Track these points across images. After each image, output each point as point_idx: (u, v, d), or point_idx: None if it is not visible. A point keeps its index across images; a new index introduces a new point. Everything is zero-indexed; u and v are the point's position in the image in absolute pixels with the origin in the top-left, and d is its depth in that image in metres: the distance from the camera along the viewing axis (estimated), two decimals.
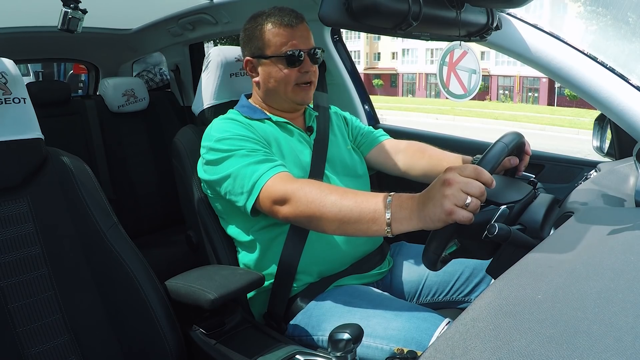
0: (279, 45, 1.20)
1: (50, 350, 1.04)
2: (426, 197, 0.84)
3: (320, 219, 0.97)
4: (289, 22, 1.20)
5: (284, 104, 1.27)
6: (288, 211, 1.02)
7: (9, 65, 1.08)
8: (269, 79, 1.24)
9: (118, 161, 2.43)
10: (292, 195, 1.00)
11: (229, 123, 1.20)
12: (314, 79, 1.25)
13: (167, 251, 2.11)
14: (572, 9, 3.69)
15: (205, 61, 1.54)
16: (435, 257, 0.97)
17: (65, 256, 1.09)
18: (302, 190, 1.00)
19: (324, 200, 0.96)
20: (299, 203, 0.99)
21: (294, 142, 1.26)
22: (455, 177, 0.80)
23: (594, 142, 1.40)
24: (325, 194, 0.97)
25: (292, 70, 1.21)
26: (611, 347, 0.44)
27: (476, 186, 0.79)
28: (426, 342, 0.98)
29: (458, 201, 0.79)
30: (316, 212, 0.97)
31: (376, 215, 0.90)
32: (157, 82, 2.93)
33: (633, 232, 0.71)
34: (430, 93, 34.31)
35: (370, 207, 0.91)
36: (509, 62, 28.39)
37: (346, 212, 0.93)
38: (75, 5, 1.62)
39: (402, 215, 0.87)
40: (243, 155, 1.11)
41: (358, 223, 0.92)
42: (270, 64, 1.22)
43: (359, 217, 0.92)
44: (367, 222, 0.91)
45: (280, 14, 1.20)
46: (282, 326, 1.19)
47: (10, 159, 1.08)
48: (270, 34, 1.20)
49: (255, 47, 1.24)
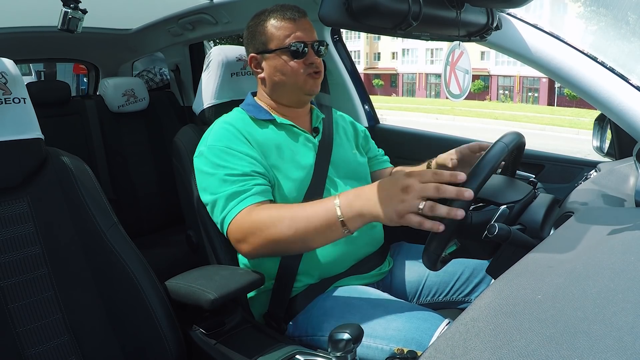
0: (282, 38, 1.20)
1: (50, 350, 1.04)
2: (381, 195, 0.88)
3: (282, 244, 1.01)
4: (292, 16, 1.21)
5: (292, 96, 1.26)
6: (247, 248, 1.07)
7: (9, 65, 1.08)
8: (275, 73, 1.23)
9: (118, 161, 2.43)
10: (250, 230, 1.04)
11: (227, 132, 1.19)
12: (321, 69, 1.24)
13: (167, 251, 2.11)
14: (572, 9, 3.69)
15: (206, 60, 1.54)
16: (435, 257, 0.97)
17: (65, 256, 1.09)
18: (259, 220, 1.03)
19: (280, 226, 1.00)
20: (256, 237, 1.03)
21: (297, 146, 1.25)
22: (415, 185, 0.84)
23: (594, 142, 1.40)
24: (279, 219, 1.00)
25: (298, 62, 1.20)
26: (611, 347, 0.44)
27: (432, 188, 0.83)
28: (426, 342, 0.98)
29: (412, 208, 0.84)
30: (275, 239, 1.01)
31: (330, 222, 0.94)
32: (157, 82, 2.94)
33: (633, 232, 0.71)
34: (430, 93, 34.32)
35: (322, 217, 0.95)
36: (509, 62, 28.40)
37: (302, 231, 0.98)
38: (75, 5, 1.63)
39: (354, 214, 0.92)
40: (221, 179, 1.11)
41: (317, 235, 0.98)
42: (275, 57, 1.22)
43: (315, 231, 0.97)
44: (324, 231, 0.96)
45: (283, 9, 1.22)
46: (282, 326, 1.19)
47: (10, 159, 1.08)
48: (274, 28, 1.21)
49: (258, 43, 1.24)
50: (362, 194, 0.93)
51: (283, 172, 1.18)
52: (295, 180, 1.18)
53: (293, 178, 1.18)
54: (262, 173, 1.14)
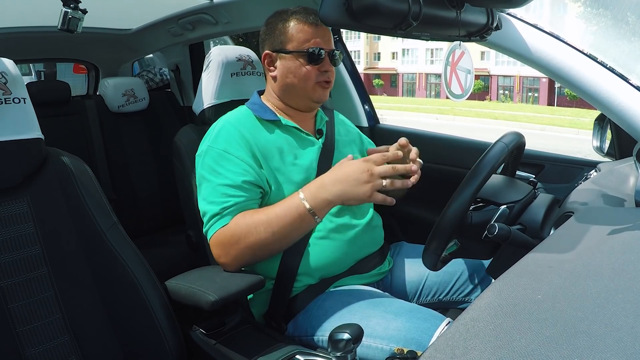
0: (302, 41, 1.20)
1: (50, 350, 1.04)
2: (347, 181, 1.03)
3: (262, 248, 1.10)
4: (314, 21, 1.21)
5: (300, 101, 1.27)
6: (227, 261, 1.12)
7: (9, 65, 1.08)
8: (288, 74, 1.23)
9: (118, 161, 2.43)
10: (228, 242, 1.10)
11: (228, 134, 1.19)
12: (332, 79, 1.26)
13: (167, 251, 2.11)
14: (572, 9, 3.70)
15: (205, 61, 1.54)
16: (436, 257, 0.98)
17: (65, 256, 1.09)
18: (237, 230, 1.09)
19: (257, 232, 1.08)
20: (236, 246, 1.09)
21: (299, 149, 1.24)
22: (374, 168, 1.02)
23: (594, 142, 1.40)
24: (255, 225, 1.08)
25: (313, 68, 1.21)
26: (611, 347, 0.44)
27: (389, 168, 1.02)
28: (426, 342, 0.98)
29: (378, 186, 1.02)
30: (255, 244, 1.08)
31: (302, 216, 1.06)
32: (157, 82, 2.94)
33: (633, 232, 0.71)
34: (430, 93, 34.33)
35: (293, 213, 1.06)
36: (509, 62, 28.40)
37: (278, 231, 1.07)
38: (75, 5, 1.62)
39: (322, 203, 1.06)
40: (214, 189, 1.15)
41: (292, 231, 1.08)
42: (291, 58, 1.22)
43: (290, 227, 1.07)
44: (299, 226, 1.08)
45: (306, 12, 1.22)
46: (282, 326, 1.19)
47: (10, 159, 1.08)
48: (294, 30, 1.21)
49: (276, 41, 1.23)
50: (324, 184, 1.06)
51: (285, 174, 1.19)
52: (297, 183, 1.18)
53: (295, 181, 1.19)
54: (254, 182, 1.15)
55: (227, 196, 1.12)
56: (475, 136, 1.85)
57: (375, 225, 1.31)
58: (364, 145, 1.46)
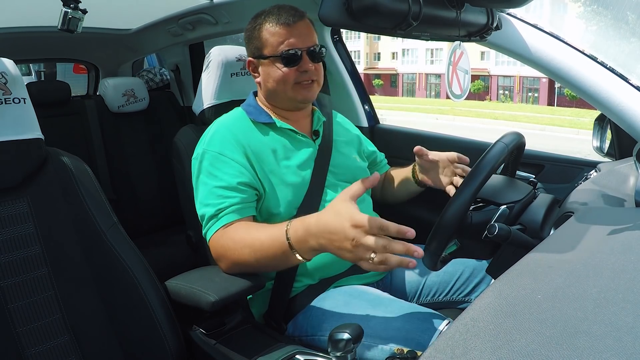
0: (275, 45, 1.18)
1: (50, 350, 1.04)
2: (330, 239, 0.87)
3: (250, 268, 1.08)
4: (286, 21, 1.17)
5: (286, 103, 1.26)
6: (223, 267, 1.12)
7: (9, 65, 1.08)
8: (268, 79, 1.22)
9: (118, 161, 2.43)
10: (223, 253, 1.10)
11: (223, 137, 1.19)
12: (315, 78, 1.22)
13: (167, 251, 2.11)
14: (572, 9, 3.70)
15: (205, 61, 1.54)
16: (436, 257, 0.97)
17: (65, 256, 1.09)
18: (228, 244, 1.09)
19: (242, 253, 1.06)
20: (227, 259, 1.10)
21: (295, 151, 1.24)
22: (362, 239, 0.82)
23: (594, 142, 1.40)
24: (240, 247, 1.06)
25: (291, 70, 1.18)
26: (611, 347, 0.44)
27: (380, 247, 0.81)
28: (426, 343, 0.98)
29: (362, 259, 0.83)
30: (242, 264, 1.07)
31: (285, 253, 0.98)
32: (157, 82, 2.93)
33: (633, 232, 0.71)
34: (430, 93, 34.33)
35: (277, 248, 0.99)
36: (509, 62, 28.41)
37: (261, 259, 1.03)
38: (75, 5, 1.62)
39: (307, 248, 0.94)
40: (210, 191, 1.15)
41: (275, 263, 1.03)
42: (269, 64, 1.20)
43: (274, 259, 1.01)
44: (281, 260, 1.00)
45: (278, 13, 1.19)
46: (282, 326, 1.19)
47: (11, 159, 1.08)
48: (268, 34, 1.19)
49: (254, 48, 1.23)
50: (310, 229, 0.92)
51: (279, 176, 1.18)
52: (291, 185, 1.18)
53: (289, 183, 1.19)
54: (249, 183, 1.15)
55: (222, 197, 1.13)
56: (475, 136, 1.85)
57: None
58: (362, 146, 1.46)
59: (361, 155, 1.42)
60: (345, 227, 0.84)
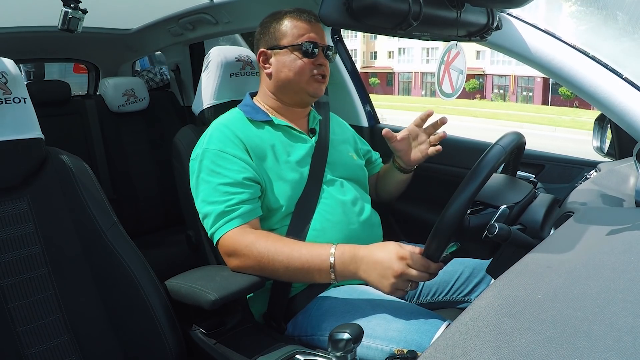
0: (296, 36, 1.24)
1: (50, 350, 1.04)
2: (375, 271, 1.00)
3: (270, 272, 1.10)
4: (308, 18, 1.25)
5: (295, 96, 1.28)
6: (236, 264, 1.12)
7: (9, 65, 1.08)
8: (283, 69, 1.25)
9: (118, 161, 2.43)
10: (242, 252, 1.10)
11: (222, 135, 1.20)
12: (327, 73, 1.28)
13: (167, 251, 2.11)
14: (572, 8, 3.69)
15: (205, 61, 1.54)
16: (435, 257, 0.97)
17: (65, 256, 1.09)
18: (254, 246, 1.09)
19: (273, 259, 1.07)
20: (248, 259, 1.10)
21: (293, 147, 1.25)
22: (405, 270, 0.97)
23: (594, 142, 1.40)
24: (275, 253, 1.07)
25: (308, 61, 1.23)
26: (611, 347, 0.44)
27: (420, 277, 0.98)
28: (426, 344, 0.98)
29: (401, 288, 0.99)
30: (266, 268, 1.09)
31: (322, 273, 1.04)
32: (157, 82, 2.94)
33: (633, 232, 0.71)
34: (426, 92, 34.37)
35: (315, 267, 1.04)
36: (504, 62, 28.46)
37: (294, 272, 1.07)
38: (75, 5, 1.62)
39: (347, 273, 1.03)
40: (214, 189, 1.15)
41: (305, 277, 1.08)
42: (286, 53, 1.24)
43: (306, 274, 1.06)
44: (313, 277, 1.06)
45: (300, 11, 1.27)
46: (282, 326, 1.19)
47: (11, 159, 1.08)
48: (290, 25, 1.25)
49: (271, 38, 1.27)
50: (357, 258, 1.02)
51: (277, 173, 1.20)
52: (290, 181, 1.19)
53: (287, 179, 1.19)
54: (253, 178, 1.16)
55: (229, 194, 1.13)
56: (472, 135, 1.85)
57: (373, 223, 1.31)
58: (358, 146, 1.47)
59: (358, 153, 1.44)
60: (392, 259, 0.98)
